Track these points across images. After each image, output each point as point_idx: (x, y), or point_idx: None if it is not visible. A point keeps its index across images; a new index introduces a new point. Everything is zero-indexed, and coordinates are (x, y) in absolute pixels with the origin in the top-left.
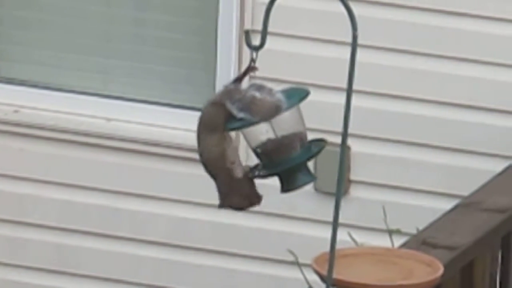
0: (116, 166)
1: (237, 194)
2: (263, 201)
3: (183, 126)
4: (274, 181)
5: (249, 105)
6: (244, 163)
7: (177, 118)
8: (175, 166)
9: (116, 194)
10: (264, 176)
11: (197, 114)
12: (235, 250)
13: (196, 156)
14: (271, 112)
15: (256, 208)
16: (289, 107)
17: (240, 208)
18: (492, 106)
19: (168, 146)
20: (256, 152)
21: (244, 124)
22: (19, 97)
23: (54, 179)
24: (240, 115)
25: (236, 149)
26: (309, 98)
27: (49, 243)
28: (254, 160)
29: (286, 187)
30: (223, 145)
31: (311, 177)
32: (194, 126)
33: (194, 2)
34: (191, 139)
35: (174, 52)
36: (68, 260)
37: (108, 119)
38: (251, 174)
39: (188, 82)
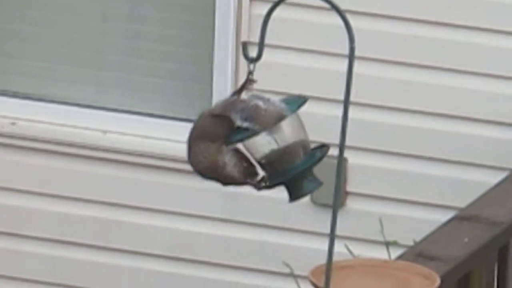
0: (112, 178)
1: (236, 175)
2: (259, 213)
3: (178, 138)
4: (270, 193)
5: (253, 113)
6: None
7: (173, 130)
8: (169, 178)
9: (111, 206)
10: (270, 187)
11: None
12: (231, 262)
13: (190, 168)
14: (275, 120)
15: (253, 220)
16: (292, 114)
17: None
18: (489, 117)
19: (163, 158)
20: (261, 163)
21: (248, 134)
22: (15, 109)
23: (49, 191)
24: (244, 124)
25: (226, 153)
26: (306, 110)
27: (45, 255)
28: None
29: (294, 195)
30: (216, 155)
31: (318, 183)
32: None
33: (190, 15)
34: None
35: (170, 64)
36: (63, 272)
37: (104, 131)
38: (257, 186)
39: (184, 94)
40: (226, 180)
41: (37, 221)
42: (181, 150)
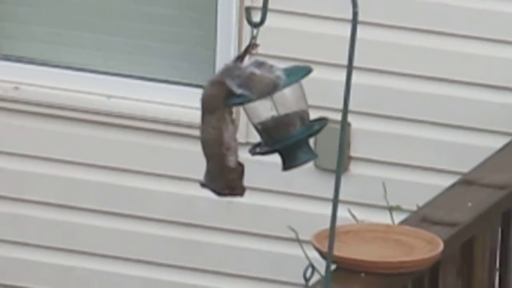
0: (116, 143)
1: (223, 180)
2: (263, 178)
3: (182, 103)
4: (274, 158)
5: (247, 81)
6: (244, 140)
7: (177, 95)
8: (174, 142)
9: (116, 171)
10: (264, 153)
11: (197, 90)
12: (235, 227)
13: (196, 132)
14: (268, 89)
15: (257, 185)
16: (288, 84)
17: (220, 194)
18: (493, 82)
19: (167, 123)
20: (257, 129)
21: (243, 100)
22: (19, 74)
23: (54, 156)
24: (239, 91)
25: (234, 134)
26: (311, 75)
27: (50, 220)
28: (254, 137)
29: (287, 164)
30: (221, 128)
31: (312, 155)
32: (193, 103)
33: None
34: (190, 116)
35: (174, 28)
36: (68, 237)
37: (108, 96)
38: (252, 151)
39: (188, 59)
40: (224, 160)
41: (41, 185)
42: (184, 114)
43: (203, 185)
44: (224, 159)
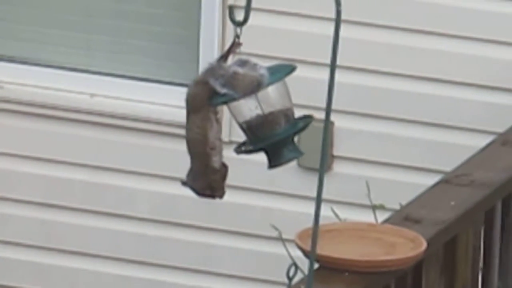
0: (100, 142)
1: (206, 181)
2: (246, 176)
3: (166, 102)
4: (257, 157)
5: (230, 80)
6: (228, 139)
7: (160, 94)
8: (158, 141)
9: (99, 169)
10: (249, 152)
11: (180, 89)
12: (218, 226)
13: (179, 131)
14: (252, 87)
15: (240, 183)
16: (272, 82)
17: (199, 194)
18: (476, 81)
19: (151, 122)
20: (242, 127)
21: (227, 99)
22: (2, 72)
23: (37, 154)
24: (223, 90)
25: (219, 134)
26: (294, 73)
27: (33, 218)
28: (238, 136)
29: (273, 162)
30: (206, 127)
31: (298, 153)
32: (177, 102)
33: None
34: (174, 115)
35: (157, 27)
36: (51, 235)
37: (92, 95)
38: (237, 150)
39: (171, 57)
40: (207, 158)
41: (24, 184)
42: (168, 113)
43: (184, 183)
44: (209, 159)
